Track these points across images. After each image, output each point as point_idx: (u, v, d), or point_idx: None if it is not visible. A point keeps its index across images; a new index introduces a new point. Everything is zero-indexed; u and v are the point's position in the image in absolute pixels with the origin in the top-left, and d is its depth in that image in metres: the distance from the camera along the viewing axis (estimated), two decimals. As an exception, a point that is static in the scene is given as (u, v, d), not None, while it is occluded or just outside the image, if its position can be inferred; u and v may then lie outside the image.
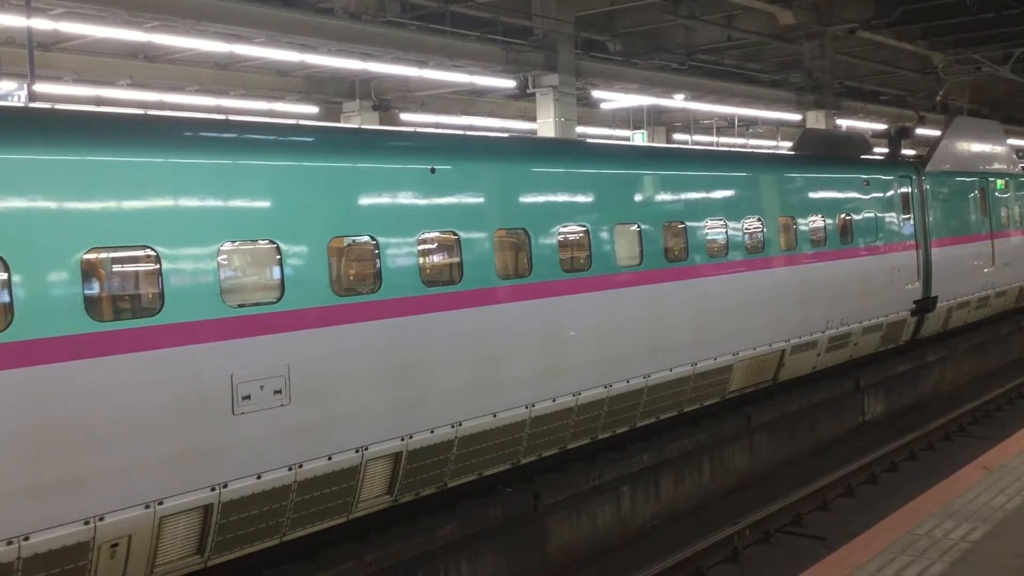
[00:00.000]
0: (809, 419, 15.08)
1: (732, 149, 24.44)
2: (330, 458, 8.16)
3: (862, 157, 18.31)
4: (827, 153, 17.70)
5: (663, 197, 12.23)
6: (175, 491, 7.17)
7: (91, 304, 6.84)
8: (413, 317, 8.81)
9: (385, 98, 26.18)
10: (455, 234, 9.33)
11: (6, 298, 6.44)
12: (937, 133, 20.81)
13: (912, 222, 17.77)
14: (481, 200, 9.82)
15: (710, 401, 12.99)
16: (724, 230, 12.96)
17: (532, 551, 10.27)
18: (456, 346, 9.25)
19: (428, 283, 9.09)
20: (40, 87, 15.22)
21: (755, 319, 13.39)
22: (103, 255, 7.12)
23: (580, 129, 23.74)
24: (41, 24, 14.08)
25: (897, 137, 20.70)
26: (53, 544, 6.53)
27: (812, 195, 15.24)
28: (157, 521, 7.10)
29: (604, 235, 10.92)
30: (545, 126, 20.62)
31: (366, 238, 8.64)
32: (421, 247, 9.10)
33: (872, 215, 16.53)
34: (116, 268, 7.47)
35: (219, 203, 7.61)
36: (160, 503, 7.09)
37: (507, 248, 10.14)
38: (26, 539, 6.39)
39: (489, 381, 9.58)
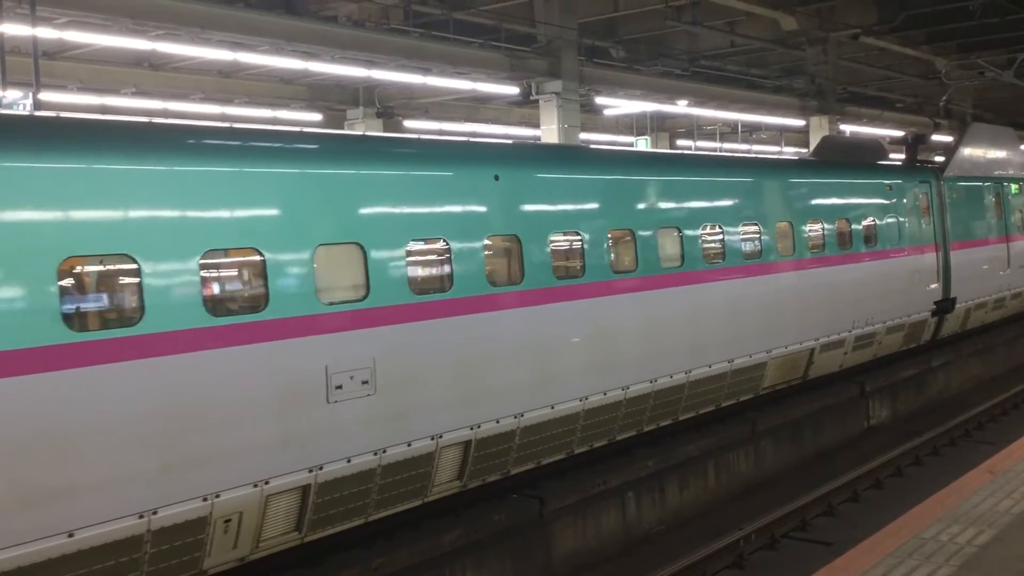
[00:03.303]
0: (814, 424, 15.07)
1: (761, 156, 24.73)
2: (409, 444, 8.75)
3: (880, 163, 18.82)
4: (846, 159, 18.20)
5: (703, 203, 12.79)
6: (279, 472, 7.77)
7: (209, 302, 7.48)
8: (480, 315, 9.43)
9: (389, 105, 26.25)
10: (516, 238, 9.93)
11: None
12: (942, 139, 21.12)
13: (932, 226, 18.25)
14: (539, 206, 10.40)
15: (745, 397, 13.52)
16: (758, 234, 13.52)
17: (537, 557, 10.27)
18: (517, 342, 9.85)
19: (493, 283, 9.67)
20: (45, 96, 15.25)
21: (787, 319, 13.96)
22: (219, 259, 7.72)
23: (583, 135, 23.75)
24: (46, 33, 14.12)
25: (914, 143, 21.44)
26: (177, 518, 7.14)
27: (840, 200, 15.79)
28: (264, 499, 7.71)
29: (649, 239, 11.49)
30: (548, 133, 20.64)
31: (440, 242, 9.23)
32: (487, 250, 9.66)
33: (895, 219, 17.05)
34: (231, 269, 8.05)
35: (316, 210, 8.23)
36: (267, 483, 7.69)
37: (562, 250, 10.67)
38: (155, 513, 6.99)
39: (547, 375, 10.15)
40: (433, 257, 9.36)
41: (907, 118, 35.25)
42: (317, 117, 24.74)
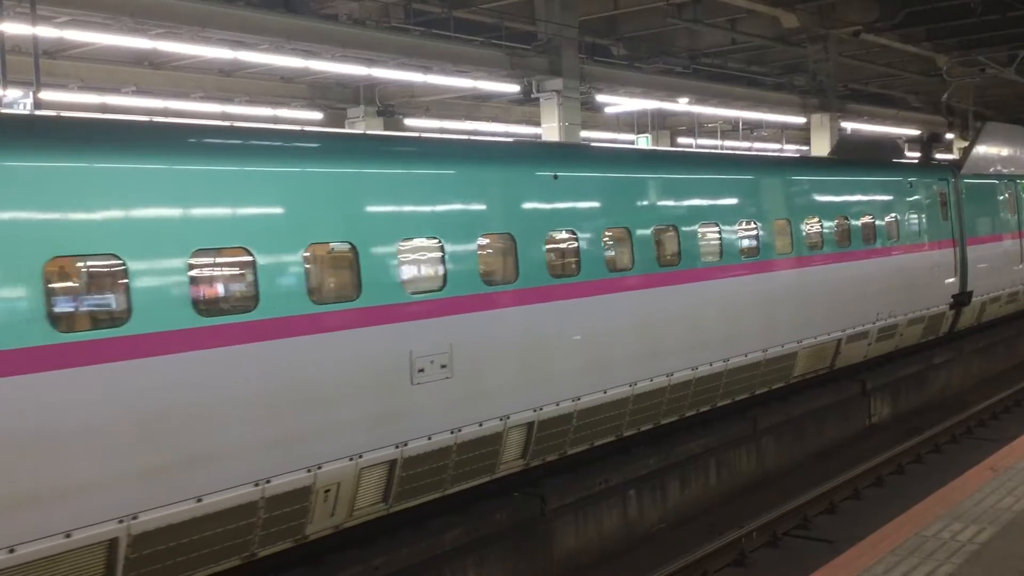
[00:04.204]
0: (816, 422, 15.07)
1: (789, 155, 25.26)
2: (481, 424, 9.44)
3: (901, 161, 19.59)
4: (864, 157, 18.80)
5: (737, 202, 13.44)
6: (371, 447, 8.45)
7: (312, 291, 8.13)
8: (542, 304, 10.09)
9: (389, 104, 26.25)
10: (574, 232, 10.57)
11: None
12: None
13: (949, 222, 18.91)
14: (592, 203, 11.10)
15: (777, 385, 14.22)
16: (789, 229, 14.17)
17: (538, 555, 10.27)
18: (574, 330, 10.54)
19: (554, 275, 10.34)
20: (46, 95, 15.25)
21: (816, 311, 14.64)
22: (319, 252, 8.45)
23: (584, 133, 23.73)
24: (46, 32, 14.11)
25: (929, 142, 22.22)
26: (286, 487, 7.80)
27: (865, 197, 16.45)
28: (358, 472, 8.40)
29: (690, 235, 12.20)
30: (549, 131, 20.63)
31: (505, 237, 9.88)
32: (547, 244, 10.31)
33: (916, 215, 17.78)
34: (329, 261, 8.73)
35: (399, 208, 8.98)
36: (360, 456, 8.36)
37: (612, 245, 11.33)
38: (268, 482, 7.66)
39: (600, 362, 10.81)
40: (501, 251, 9.99)
41: (909, 115, 35.22)
42: (318, 116, 24.74)
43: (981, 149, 21.29)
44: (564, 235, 10.63)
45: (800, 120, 30.05)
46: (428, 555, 9.13)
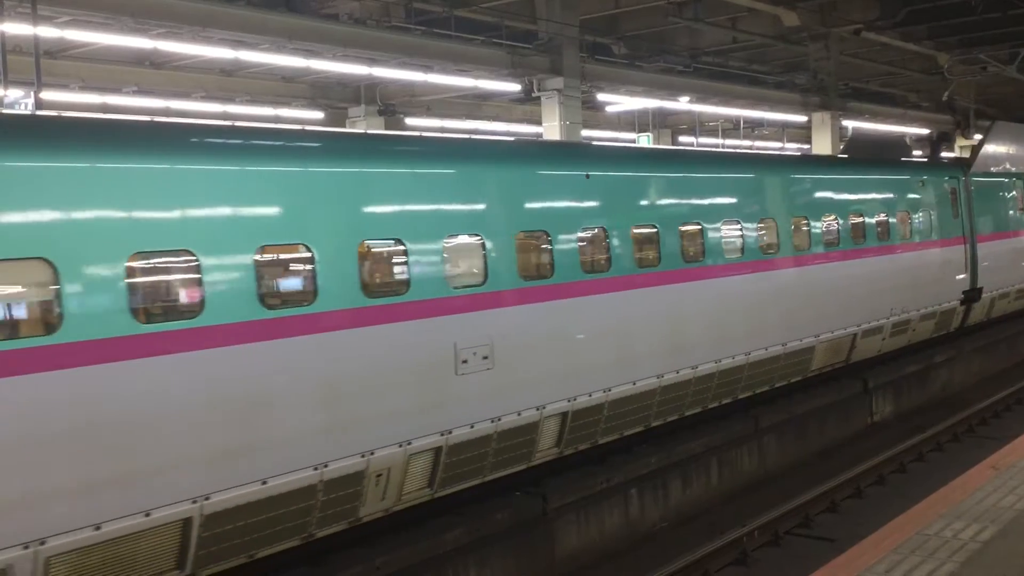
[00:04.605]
0: (817, 421, 15.06)
1: (804, 155, 25.76)
2: (519, 414, 9.80)
3: (913, 160, 20.06)
4: (874, 156, 19.28)
5: (757, 199, 13.82)
6: (418, 435, 8.83)
7: (365, 287, 8.53)
8: (576, 299, 10.51)
9: (390, 103, 26.24)
10: (604, 229, 10.97)
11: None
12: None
13: (960, 219, 19.35)
14: (621, 201, 11.45)
15: (795, 378, 14.59)
16: (807, 227, 14.58)
17: (540, 554, 10.27)
18: (606, 323, 10.91)
19: (586, 271, 10.72)
20: (47, 95, 15.25)
21: (833, 307, 15.08)
22: (372, 248, 8.90)
23: (585, 132, 23.73)
24: (47, 32, 14.12)
25: (938, 141, 23.31)
26: (342, 471, 8.21)
27: (879, 195, 16.94)
28: (407, 458, 8.78)
29: (713, 233, 12.65)
30: (550, 129, 20.61)
31: (541, 235, 10.30)
32: (580, 241, 10.71)
33: (928, 213, 18.22)
34: (383, 257, 9.21)
35: (445, 206, 9.39)
36: (409, 443, 8.74)
37: (641, 241, 11.66)
38: (326, 466, 8.04)
39: (630, 354, 11.22)
40: (537, 248, 10.45)
41: (911, 114, 35.19)
42: (319, 115, 24.74)
43: (990, 148, 21.72)
44: (595, 232, 11.02)
45: (801, 119, 30.03)
46: (430, 554, 9.13)
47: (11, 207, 6.55)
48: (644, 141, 30.86)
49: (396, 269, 9.01)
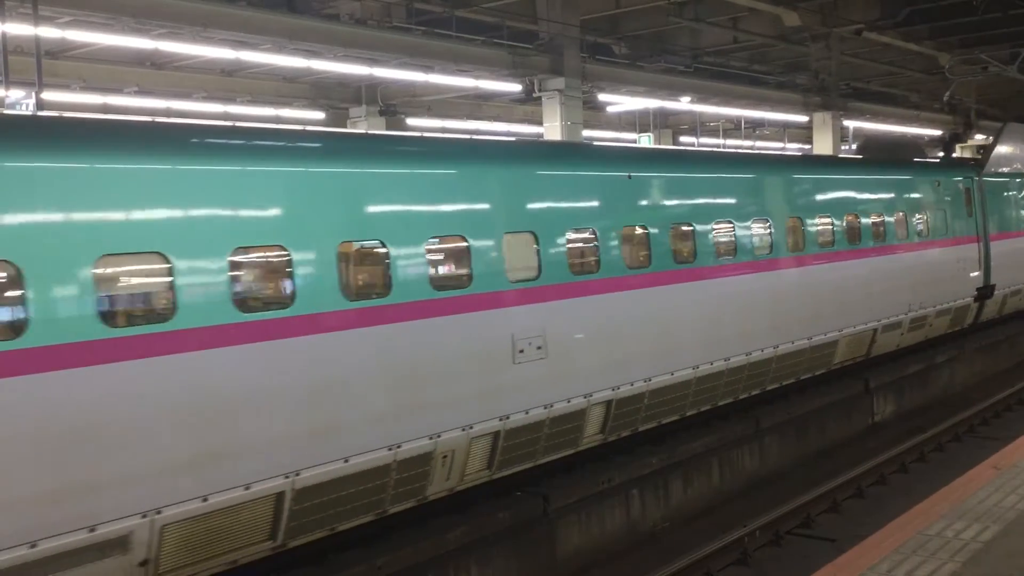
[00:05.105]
0: (818, 421, 15.06)
1: (830, 156, 26.27)
2: (568, 401, 10.34)
3: (928, 161, 20.60)
4: (888, 156, 19.94)
5: (781, 200, 14.30)
6: (479, 419, 9.38)
7: (434, 280, 9.10)
8: (619, 293, 11.05)
9: (391, 103, 26.25)
10: (644, 227, 11.54)
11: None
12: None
13: (974, 218, 19.95)
14: (661, 201, 12.07)
15: (819, 371, 15.17)
16: (831, 225, 15.16)
17: (541, 554, 10.27)
18: (646, 317, 11.46)
19: (628, 267, 11.31)
20: (48, 95, 15.26)
21: (855, 302, 15.65)
22: (440, 243, 9.40)
23: (586, 132, 23.73)
24: (48, 32, 14.13)
25: (951, 142, 23.63)
26: (413, 452, 8.77)
27: (899, 195, 17.52)
28: (469, 441, 9.34)
29: (743, 230, 13.22)
30: (551, 130, 20.62)
31: (589, 232, 10.84)
32: (623, 238, 11.31)
33: (944, 212, 18.82)
34: (446, 253, 9.68)
35: (504, 205, 9.96)
36: (471, 427, 9.29)
37: (678, 238, 12.23)
38: (399, 447, 8.62)
39: (668, 346, 11.78)
40: (585, 244, 10.95)
41: (912, 113, 35.17)
42: (320, 115, 24.75)
43: (1002, 149, 22.31)
44: (637, 230, 11.61)
45: (802, 119, 30.02)
46: (431, 554, 9.13)
47: None
48: (645, 141, 30.90)
49: (461, 264, 9.59)
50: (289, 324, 7.87)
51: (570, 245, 10.57)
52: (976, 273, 19.84)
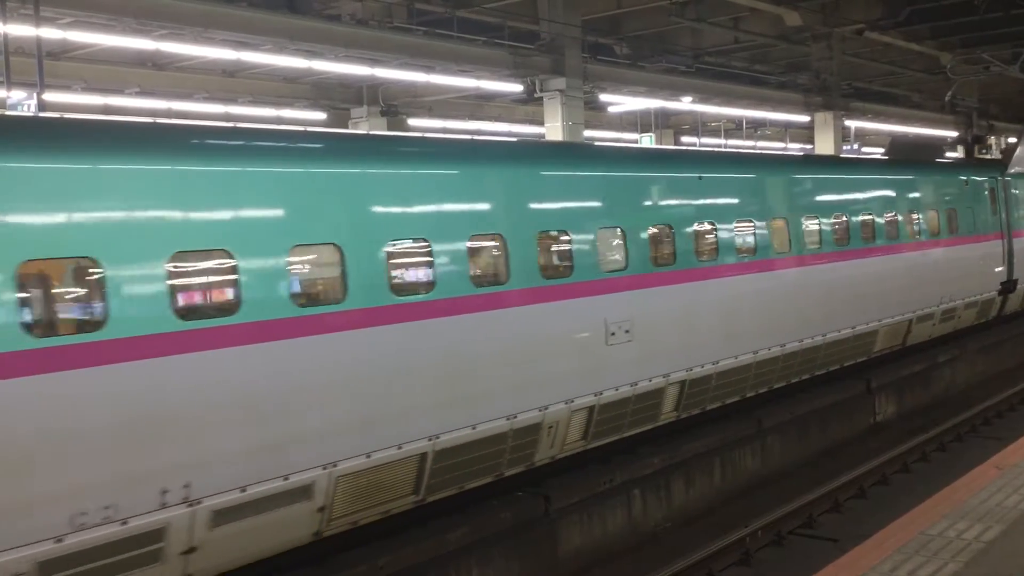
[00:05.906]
0: (820, 421, 15.04)
1: (866, 157, 27.09)
2: (650, 380, 11.38)
3: (956, 161, 21.81)
4: (913, 157, 20.68)
5: (829, 198, 15.31)
6: (578, 394, 10.43)
7: (544, 269, 10.23)
8: (693, 283, 12.12)
9: (392, 103, 26.26)
10: (713, 224, 12.56)
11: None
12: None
13: (998, 216, 20.93)
14: (728, 200, 13.10)
15: (860, 358, 16.22)
16: (872, 221, 16.18)
17: (543, 554, 10.26)
18: (715, 305, 12.54)
19: (699, 259, 12.27)
20: (49, 96, 15.28)
21: (893, 294, 16.75)
22: (546, 238, 10.37)
23: (588, 133, 23.73)
24: (50, 33, 14.14)
25: (973, 143, 25.00)
26: (526, 422, 9.87)
27: (931, 194, 18.50)
28: (571, 413, 10.39)
29: (797, 227, 14.24)
30: (553, 130, 20.62)
31: (666, 227, 11.82)
32: (696, 233, 12.28)
33: (971, 210, 19.81)
34: (554, 245, 10.59)
35: (599, 203, 11.13)
36: (572, 401, 10.35)
37: (743, 234, 13.23)
38: (515, 417, 9.71)
39: (733, 332, 12.78)
40: (664, 238, 11.88)
41: (914, 113, 35.16)
42: (321, 116, 24.76)
43: None
44: (707, 226, 12.56)
45: (804, 119, 30.00)
46: (433, 554, 9.13)
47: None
48: (646, 141, 30.89)
49: (563, 255, 10.55)
50: (431, 307, 9.00)
51: (652, 239, 11.59)
52: (1000, 268, 20.78)
